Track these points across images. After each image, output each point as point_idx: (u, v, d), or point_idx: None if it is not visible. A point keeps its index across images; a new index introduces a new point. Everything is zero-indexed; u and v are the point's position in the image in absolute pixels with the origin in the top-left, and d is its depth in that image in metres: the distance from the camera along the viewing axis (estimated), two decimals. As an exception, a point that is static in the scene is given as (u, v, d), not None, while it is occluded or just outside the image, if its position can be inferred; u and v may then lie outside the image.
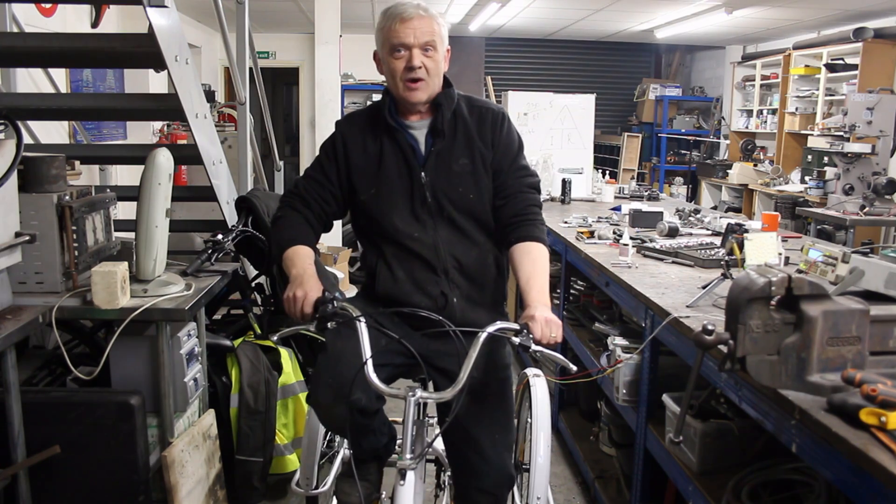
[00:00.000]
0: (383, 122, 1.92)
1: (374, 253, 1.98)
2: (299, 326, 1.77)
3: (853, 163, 4.98)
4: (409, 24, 1.81)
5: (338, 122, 2.04)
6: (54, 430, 2.17)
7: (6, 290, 2.15)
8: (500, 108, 1.99)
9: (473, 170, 1.91)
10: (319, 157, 2.01)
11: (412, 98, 1.87)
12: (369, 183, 1.93)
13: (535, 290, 1.78)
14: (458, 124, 1.93)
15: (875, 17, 6.67)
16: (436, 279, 1.91)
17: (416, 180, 1.90)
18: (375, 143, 1.93)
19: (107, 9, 5.28)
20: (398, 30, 1.81)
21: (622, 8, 7.06)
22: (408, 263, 1.92)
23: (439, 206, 1.90)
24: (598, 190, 5.17)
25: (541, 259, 1.86)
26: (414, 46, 1.82)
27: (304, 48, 9.25)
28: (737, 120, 9.03)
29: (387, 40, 1.84)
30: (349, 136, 1.96)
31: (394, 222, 1.91)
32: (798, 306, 1.44)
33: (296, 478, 2.23)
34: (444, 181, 1.90)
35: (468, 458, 1.94)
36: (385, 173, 1.91)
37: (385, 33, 1.84)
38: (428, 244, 1.90)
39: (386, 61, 1.87)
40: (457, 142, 1.92)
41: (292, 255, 1.87)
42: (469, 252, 1.93)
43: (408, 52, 1.82)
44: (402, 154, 1.91)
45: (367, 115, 2.00)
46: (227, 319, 3.38)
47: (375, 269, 1.96)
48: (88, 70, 5.59)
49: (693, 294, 2.24)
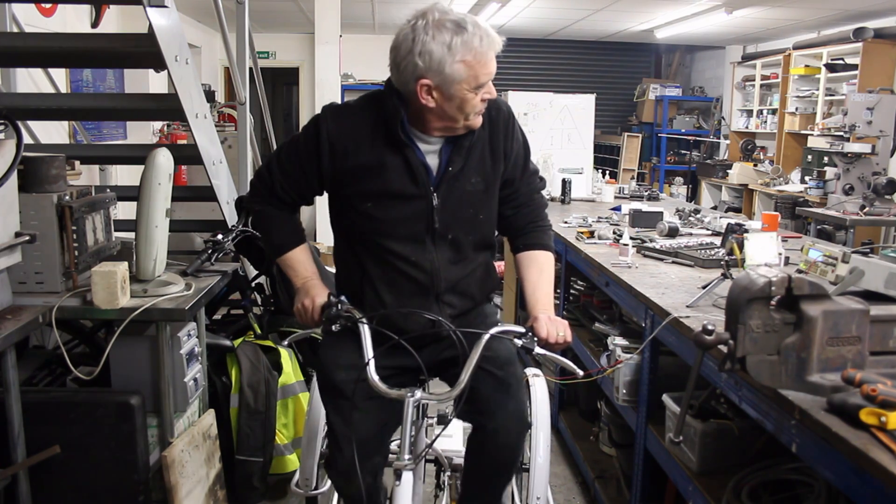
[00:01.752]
0: (386, 131, 1.68)
1: (357, 272, 1.79)
2: (309, 331, 1.78)
3: (853, 163, 4.98)
4: (494, 55, 1.60)
5: (322, 117, 1.73)
6: (54, 430, 2.17)
7: (6, 290, 2.15)
8: (506, 106, 1.81)
9: (486, 188, 1.77)
10: (298, 148, 1.76)
11: (478, 124, 1.68)
12: (364, 196, 1.71)
13: (540, 298, 1.78)
14: (476, 139, 1.74)
15: (875, 17, 6.67)
16: (426, 303, 1.77)
17: (424, 202, 1.70)
18: (373, 153, 1.68)
19: (107, 9, 5.28)
20: (490, 64, 1.59)
21: (622, 8, 7.06)
22: (397, 287, 1.76)
23: (446, 230, 1.74)
24: (598, 190, 5.17)
25: (547, 268, 1.86)
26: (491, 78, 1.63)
27: (304, 48, 9.25)
28: (737, 120, 9.03)
29: (475, 76, 1.58)
30: (338, 138, 1.69)
31: (389, 244, 1.73)
32: (798, 306, 1.44)
33: (296, 478, 2.23)
34: (457, 204, 1.73)
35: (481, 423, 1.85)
36: (386, 190, 1.69)
37: (475, 69, 1.57)
38: (425, 268, 1.75)
39: (460, 96, 1.59)
40: (472, 159, 1.74)
41: (291, 263, 1.84)
42: (463, 271, 1.81)
43: (488, 84, 1.63)
44: (411, 172, 1.69)
45: (360, 114, 1.71)
46: (227, 319, 3.38)
47: (360, 291, 1.79)
48: (88, 70, 5.59)
49: (693, 294, 2.24)
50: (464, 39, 1.54)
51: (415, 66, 1.57)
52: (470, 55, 1.55)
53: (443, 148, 1.72)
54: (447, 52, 1.54)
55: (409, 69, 1.58)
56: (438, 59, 1.54)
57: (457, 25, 1.55)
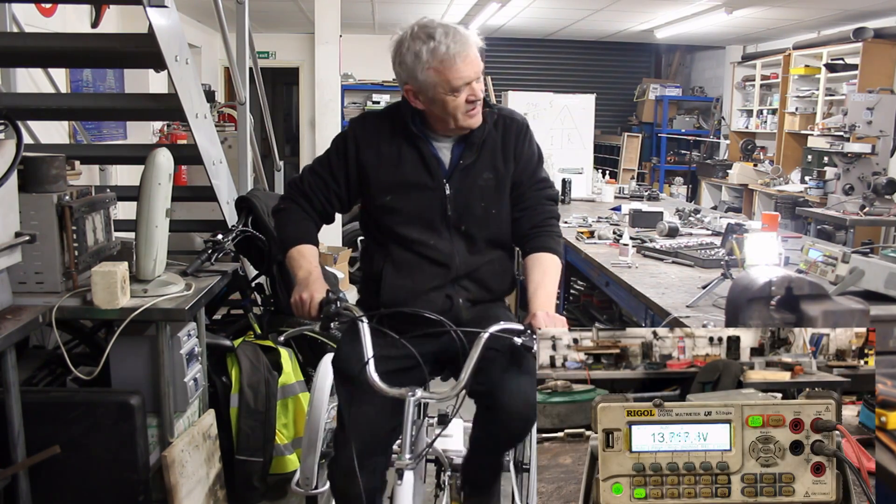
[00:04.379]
0: (402, 128, 1.86)
1: (381, 256, 1.93)
2: (303, 327, 1.79)
3: (853, 163, 4.98)
4: (468, 59, 1.72)
5: (351, 121, 1.98)
6: (54, 430, 2.17)
7: (6, 290, 2.15)
8: (524, 120, 1.96)
9: (497, 185, 1.89)
10: (329, 153, 1.95)
11: (475, 124, 1.81)
12: (384, 189, 1.88)
13: (540, 297, 1.79)
14: (487, 138, 1.88)
15: (875, 17, 6.67)
16: (444, 283, 1.89)
17: (438, 192, 1.86)
18: (392, 148, 1.87)
19: (107, 9, 5.27)
20: (461, 69, 1.71)
21: (622, 8, 7.06)
22: (417, 269, 1.89)
23: (459, 220, 1.88)
24: (598, 190, 5.17)
25: (551, 269, 1.86)
26: (472, 80, 1.75)
27: (304, 48, 9.24)
28: (737, 120, 9.03)
29: (446, 81, 1.72)
30: (363, 137, 1.90)
31: (409, 232, 1.88)
32: (798, 306, 1.44)
33: (296, 478, 2.23)
34: (468, 196, 1.87)
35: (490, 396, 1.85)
36: (403, 181, 1.86)
37: (443, 74, 1.71)
38: (444, 251, 1.88)
39: (440, 99, 1.75)
40: (483, 156, 1.88)
41: (297, 255, 1.88)
42: (481, 261, 1.92)
43: (468, 87, 1.75)
44: (425, 164, 1.86)
45: (383, 117, 1.93)
46: (227, 319, 3.38)
47: (381, 273, 1.91)
48: (88, 70, 5.58)
49: (693, 294, 2.25)
50: (430, 48, 1.70)
51: (398, 75, 1.79)
52: (437, 62, 1.70)
53: (455, 145, 1.88)
54: (417, 61, 1.72)
55: (397, 77, 1.81)
56: (411, 67, 1.74)
57: (427, 36, 1.71)
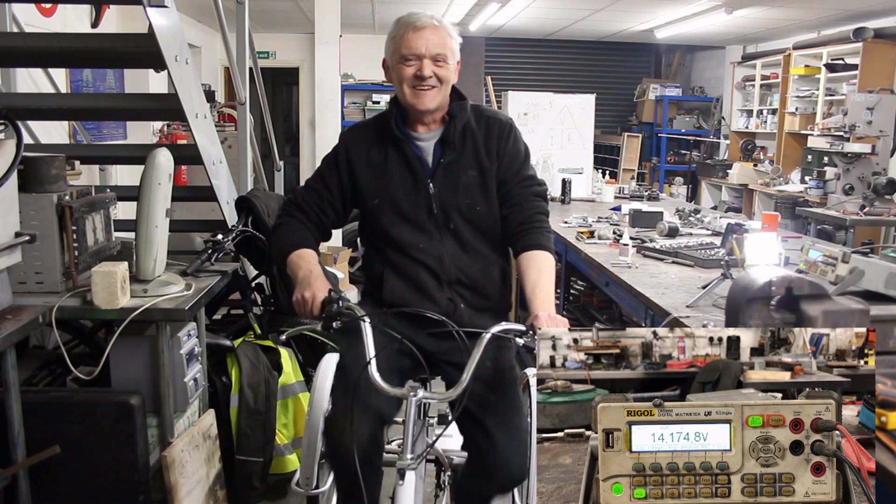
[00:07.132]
0: (389, 133, 1.92)
1: (380, 260, 1.98)
2: (304, 326, 1.80)
3: (853, 163, 4.98)
4: (421, 33, 1.81)
5: (342, 133, 2.05)
6: (54, 430, 2.17)
7: (6, 290, 2.15)
8: (508, 119, 2.00)
9: (482, 182, 1.92)
10: (321, 167, 2.02)
11: (420, 105, 1.86)
12: (373, 193, 1.93)
13: (539, 297, 1.79)
14: (468, 136, 1.93)
15: (875, 17, 6.67)
16: (441, 289, 1.92)
17: (423, 191, 1.90)
18: (380, 153, 1.93)
19: (107, 9, 5.28)
20: (410, 39, 1.82)
21: (622, 8, 7.06)
22: (414, 271, 1.93)
23: (446, 218, 1.91)
24: (598, 190, 5.17)
25: (546, 267, 1.87)
26: (425, 57, 1.82)
27: (304, 48, 9.24)
28: (737, 120, 9.03)
29: (397, 49, 1.84)
30: (353, 145, 1.96)
31: (399, 233, 1.92)
32: (798, 306, 1.44)
33: (296, 478, 2.22)
34: (453, 193, 1.90)
35: (483, 453, 1.93)
36: (390, 184, 1.91)
37: (396, 42, 1.84)
38: (433, 255, 1.91)
39: (395, 69, 1.86)
40: (465, 153, 1.92)
41: (296, 258, 1.89)
42: (473, 264, 1.94)
43: (418, 62, 1.82)
44: (409, 165, 1.91)
45: (372, 125, 2.00)
46: (227, 319, 3.38)
47: (382, 276, 1.96)
48: (88, 70, 5.58)
49: (693, 294, 2.25)
50: (394, 26, 1.88)
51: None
52: (394, 31, 1.87)
53: (436, 145, 1.93)
54: (388, 38, 1.90)
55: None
56: (386, 42, 1.91)
57: (397, 20, 1.88)
